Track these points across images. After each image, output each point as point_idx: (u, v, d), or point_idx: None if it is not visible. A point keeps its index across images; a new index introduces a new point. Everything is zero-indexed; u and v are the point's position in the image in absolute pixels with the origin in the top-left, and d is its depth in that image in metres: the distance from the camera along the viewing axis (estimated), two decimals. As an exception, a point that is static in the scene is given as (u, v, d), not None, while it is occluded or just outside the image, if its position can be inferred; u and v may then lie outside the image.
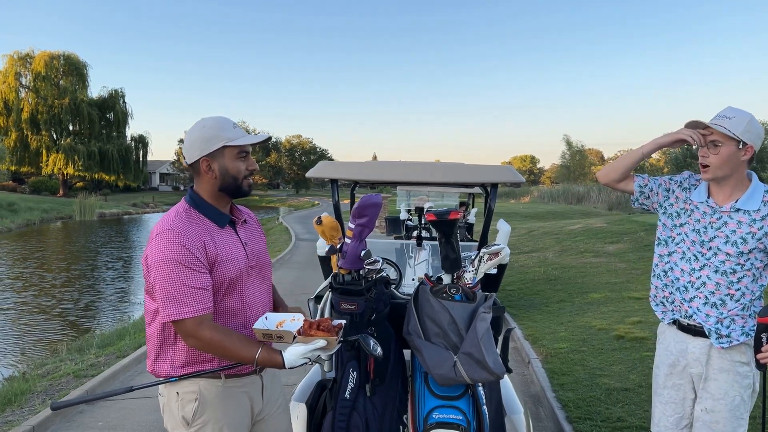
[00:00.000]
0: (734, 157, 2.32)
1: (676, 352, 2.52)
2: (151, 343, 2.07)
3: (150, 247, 1.94)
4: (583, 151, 60.08)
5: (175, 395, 2.02)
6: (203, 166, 2.03)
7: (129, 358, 5.85)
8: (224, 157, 2.02)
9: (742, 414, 2.42)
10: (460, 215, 2.66)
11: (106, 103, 49.03)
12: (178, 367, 2.01)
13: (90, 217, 33.94)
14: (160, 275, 1.88)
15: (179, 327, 1.90)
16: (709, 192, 2.47)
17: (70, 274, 14.49)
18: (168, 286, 1.88)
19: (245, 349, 1.93)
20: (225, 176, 2.04)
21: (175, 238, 1.90)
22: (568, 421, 4.22)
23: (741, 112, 2.33)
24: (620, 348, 5.73)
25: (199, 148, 2.01)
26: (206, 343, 1.90)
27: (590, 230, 14.67)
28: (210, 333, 1.90)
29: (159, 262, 1.89)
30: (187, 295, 1.88)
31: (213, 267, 1.97)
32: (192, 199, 2.06)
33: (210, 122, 2.03)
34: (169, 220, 1.97)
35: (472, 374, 2.38)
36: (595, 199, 35.04)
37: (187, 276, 1.89)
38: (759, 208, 2.34)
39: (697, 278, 2.42)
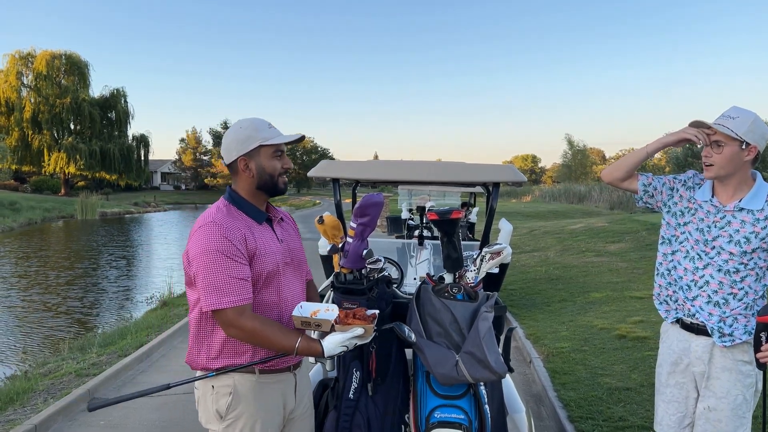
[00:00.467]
0: (737, 157, 2.32)
1: (679, 350, 2.52)
2: (190, 334, 2.13)
3: (192, 240, 2.00)
4: (584, 150, 60.04)
5: (210, 389, 2.07)
6: (241, 165, 2.10)
7: (130, 357, 5.86)
8: (260, 156, 2.09)
9: (744, 413, 2.42)
10: (461, 214, 2.66)
11: (108, 102, 49.03)
12: (213, 358, 2.06)
13: (91, 216, 33.95)
14: (202, 265, 1.94)
15: (220, 316, 1.95)
16: (713, 191, 2.47)
17: (72, 272, 14.50)
18: (210, 276, 1.93)
19: (285, 338, 1.98)
20: (262, 174, 2.10)
21: (217, 230, 1.96)
22: (570, 421, 4.22)
23: (745, 112, 2.32)
24: (622, 347, 5.73)
25: (236, 149, 2.08)
26: (247, 332, 1.94)
27: (592, 230, 14.66)
28: (251, 322, 1.95)
29: (201, 253, 1.95)
30: (228, 284, 1.93)
31: (252, 260, 2.02)
32: (231, 196, 2.13)
33: (246, 123, 2.11)
34: (210, 214, 2.04)
35: (474, 373, 2.38)
36: (596, 198, 35.00)
37: (228, 266, 1.94)
38: (762, 208, 2.34)
39: (701, 277, 2.42)
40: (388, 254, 4.54)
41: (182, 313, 8.02)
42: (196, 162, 69.33)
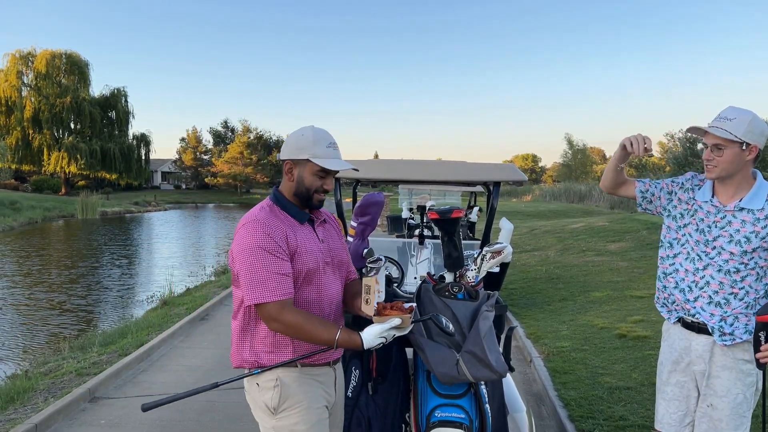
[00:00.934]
0: (738, 158, 2.32)
1: (680, 349, 2.53)
2: (234, 333, 2.21)
3: (236, 238, 2.09)
4: (584, 149, 60.01)
5: (256, 386, 2.16)
6: (286, 167, 2.19)
7: (131, 356, 5.85)
8: (305, 168, 2.15)
9: (744, 412, 2.42)
10: (462, 213, 2.66)
11: (108, 101, 49.05)
12: (258, 352, 2.13)
13: (92, 215, 33.95)
14: (246, 261, 2.02)
15: (262, 310, 2.02)
16: (713, 191, 2.47)
17: (73, 271, 14.51)
18: (253, 271, 2.00)
19: (326, 331, 2.02)
20: (300, 184, 2.17)
21: (260, 227, 2.04)
22: (570, 420, 4.22)
23: (742, 112, 2.31)
24: (622, 347, 5.72)
25: (289, 151, 2.16)
26: (289, 326, 2.01)
27: (592, 229, 14.66)
28: (292, 316, 2.01)
29: (244, 249, 2.03)
30: (270, 279, 2.00)
31: (293, 257, 2.09)
32: (275, 196, 2.21)
33: (309, 132, 2.15)
34: (254, 212, 2.12)
35: (474, 373, 2.38)
36: (597, 197, 35.00)
37: (270, 262, 2.01)
38: (763, 207, 2.34)
39: (701, 278, 2.42)
40: (389, 253, 4.54)
41: (183, 313, 8.03)
42: (197, 161, 69.31)
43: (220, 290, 9.76)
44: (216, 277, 12.71)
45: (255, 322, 2.13)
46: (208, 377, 5.43)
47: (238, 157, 62.88)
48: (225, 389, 5.07)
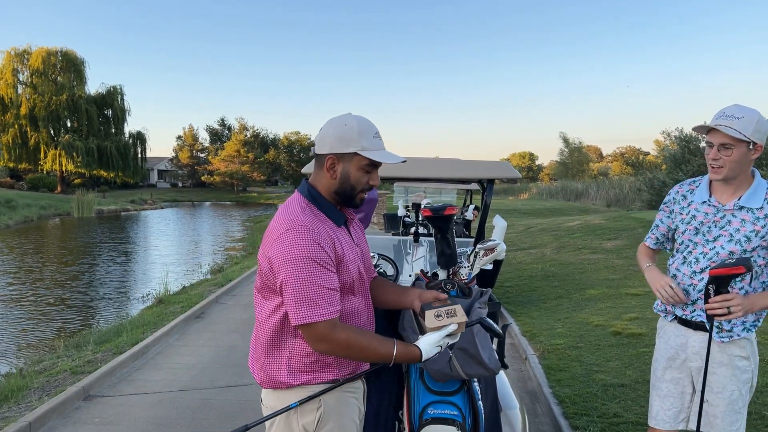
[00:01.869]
0: (745, 158, 2.31)
1: (676, 345, 2.53)
2: (259, 347, 1.95)
3: (279, 244, 1.80)
4: (581, 148, 60.13)
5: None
6: (328, 163, 1.92)
7: (126, 354, 5.84)
8: (351, 163, 1.91)
9: (740, 408, 2.43)
10: (455, 211, 2.66)
11: (105, 99, 48.96)
12: (298, 371, 1.90)
13: (88, 213, 33.87)
14: (293, 274, 1.77)
15: (311, 330, 1.79)
16: (710, 191, 2.47)
17: (69, 270, 14.48)
18: (301, 286, 1.76)
19: (382, 345, 1.85)
20: (344, 182, 1.93)
21: (309, 235, 1.79)
22: (565, 417, 4.23)
23: (749, 111, 2.28)
24: (617, 344, 5.74)
25: (331, 144, 1.90)
26: (342, 345, 1.80)
27: (588, 227, 14.69)
28: (345, 333, 1.81)
29: (291, 260, 1.77)
30: (321, 296, 1.78)
31: (338, 267, 1.87)
32: (311, 194, 1.94)
33: (353, 122, 1.90)
34: (295, 214, 1.85)
35: (467, 370, 2.38)
36: (593, 195, 35.11)
37: (321, 276, 1.78)
38: (762, 206, 2.34)
39: (699, 281, 2.43)
40: (385, 251, 4.54)
41: (178, 311, 8.02)
42: (193, 159, 69.25)
43: (216, 288, 9.76)
44: (212, 275, 12.70)
45: (293, 337, 1.89)
46: (204, 375, 5.43)
47: (234, 155, 62.82)
48: (221, 386, 5.11)
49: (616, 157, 74.77)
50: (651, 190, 25.07)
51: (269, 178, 68.33)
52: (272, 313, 1.89)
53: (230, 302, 8.91)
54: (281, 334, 1.90)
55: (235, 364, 5.77)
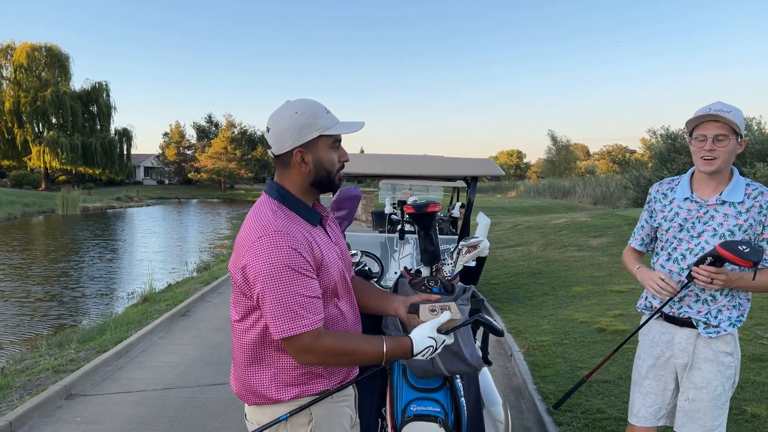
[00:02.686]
0: (734, 150, 2.36)
1: (662, 343, 2.55)
2: (240, 361, 1.83)
3: (252, 253, 1.68)
4: (568, 146, 60.47)
5: (283, 421, 1.81)
6: (296, 158, 1.79)
7: (109, 353, 5.79)
8: (318, 147, 1.80)
9: (723, 404, 2.45)
10: (437, 208, 2.66)
11: (90, 96, 48.51)
12: (284, 386, 1.79)
13: (73, 211, 33.54)
14: (270, 285, 1.65)
15: (293, 343, 1.68)
16: (691, 187, 2.49)
17: (53, 267, 14.32)
18: (281, 297, 1.65)
19: (371, 345, 1.75)
20: (319, 169, 1.81)
21: (284, 241, 1.67)
22: (549, 413, 4.25)
23: (733, 106, 2.34)
24: (601, 340, 5.78)
25: (292, 138, 1.77)
26: (329, 353, 1.70)
27: (574, 224, 14.78)
28: (330, 340, 1.70)
29: (268, 270, 1.65)
30: (302, 305, 1.66)
31: (318, 271, 1.76)
32: (280, 194, 1.81)
33: (302, 107, 1.78)
34: (269, 220, 1.72)
35: (449, 366, 2.38)
36: (580, 193, 35.34)
37: (300, 284, 1.67)
38: (743, 200, 2.38)
39: (687, 276, 2.44)
40: (371, 249, 4.54)
41: (163, 309, 7.96)
42: (180, 156, 68.77)
43: (202, 286, 9.70)
44: (198, 273, 12.63)
45: (278, 350, 1.78)
46: (188, 374, 5.39)
47: (222, 152, 62.48)
48: (205, 385, 5.08)
49: (602, 155, 75.29)
50: (637, 188, 25.28)
51: (257, 175, 68.03)
52: (251, 327, 1.78)
53: (216, 300, 8.86)
54: (264, 347, 1.79)
55: (220, 362, 5.74)
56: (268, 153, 1.87)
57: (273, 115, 1.82)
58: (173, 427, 4.29)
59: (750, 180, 2.45)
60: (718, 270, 2.23)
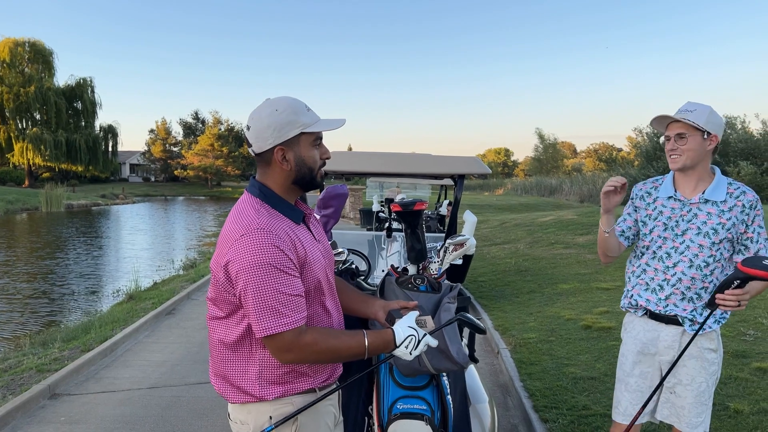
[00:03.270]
0: (701, 147, 2.41)
1: (646, 340, 2.57)
2: (222, 359, 1.82)
3: (235, 251, 1.67)
4: (555, 144, 60.83)
5: (267, 420, 1.79)
6: (277, 156, 1.78)
7: (94, 351, 5.73)
8: (299, 145, 1.79)
9: (706, 400, 2.49)
10: (424, 206, 2.65)
11: (74, 92, 47.92)
12: (268, 384, 1.78)
13: (57, 208, 33.15)
14: (253, 283, 1.64)
15: (275, 341, 1.68)
16: (675, 186, 2.53)
17: (36, 265, 14.15)
18: (263, 295, 1.64)
19: (353, 339, 1.75)
20: (301, 167, 1.80)
21: (268, 239, 1.66)
22: (535, 410, 4.27)
23: (701, 105, 2.43)
24: (587, 337, 5.82)
25: (273, 136, 1.75)
26: (309, 350, 1.70)
27: (561, 222, 14.86)
28: (312, 337, 1.70)
29: (250, 268, 1.64)
30: (284, 304, 1.66)
31: (302, 269, 1.75)
32: (263, 192, 1.80)
33: (282, 105, 1.77)
34: (250, 217, 1.72)
35: (435, 364, 2.38)
36: (567, 191, 35.55)
37: (283, 282, 1.67)
38: (725, 199, 2.43)
39: (672, 275, 2.47)
40: (359, 247, 4.53)
41: (149, 307, 7.89)
42: (166, 153, 68.22)
43: (188, 284, 9.63)
44: (184, 270, 12.54)
45: (262, 347, 1.77)
46: (174, 372, 5.36)
47: (208, 150, 62.06)
48: (191, 383, 5.04)
49: (589, 153, 75.78)
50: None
51: (244, 172, 67.67)
52: (237, 324, 1.77)
53: (202, 298, 8.80)
54: (246, 345, 1.78)
55: (206, 360, 5.70)
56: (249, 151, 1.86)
57: (253, 113, 1.80)
58: (158, 426, 4.25)
59: (732, 179, 2.50)
60: (744, 290, 2.16)
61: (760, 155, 28.47)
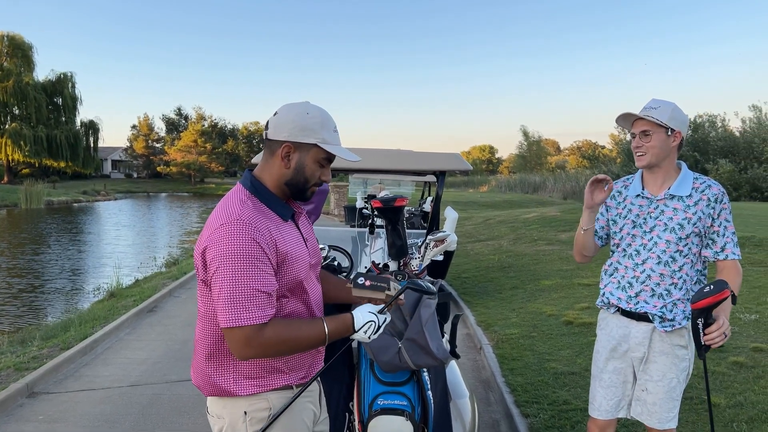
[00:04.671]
0: (665, 144, 2.43)
1: (618, 336, 2.59)
2: (201, 348, 1.81)
3: (212, 238, 1.67)
4: (539, 141, 61.21)
5: (242, 415, 1.79)
6: (283, 151, 1.78)
7: (73, 349, 5.67)
8: (308, 154, 1.79)
9: (677, 396, 2.52)
10: (405, 202, 2.66)
11: (54, 87, 47.19)
12: (242, 378, 1.78)
13: (37, 205, 32.67)
14: (223, 272, 1.64)
15: (235, 334, 1.65)
16: (642, 184, 2.56)
17: (14, 263, 13.94)
18: (232, 286, 1.64)
19: (312, 328, 1.74)
20: (298, 173, 1.80)
21: (246, 231, 1.66)
22: (516, 405, 4.30)
23: (664, 102, 2.46)
24: (569, 333, 5.87)
25: (290, 131, 1.77)
26: (271, 343, 1.67)
27: (544, 219, 14.97)
28: (272, 330, 1.67)
29: (223, 257, 1.64)
30: (251, 298, 1.65)
31: (280, 267, 1.74)
32: (254, 186, 1.80)
33: (314, 112, 1.79)
34: (234, 209, 1.72)
35: (416, 360, 2.39)
36: (550, 188, 35.80)
37: (255, 276, 1.65)
38: (691, 194, 2.45)
39: (642, 272, 2.49)
40: (342, 243, 4.52)
41: (130, 304, 7.82)
42: (149, 149, 67.53)
43: (170, 281, 9.55)
44: (167, 268, 12.43)
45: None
46: (155, 370, 5.31)
47: (191, 146, 61.54)
48: (172, 381, 5.01)
49: (573, 151, 76.36)
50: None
51: (228, 169, 67.24)
52: (212, 316, 1.77)
53: (184, 295, 8.74)
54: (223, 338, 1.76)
55: (188, 357, 5.66)
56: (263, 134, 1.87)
57: (287, 104, 1.84)
58: (139, 424, 4.22)
59: (698, 174, 2.52)
60: (719, 324, 2.12)
61: (738, 153, 28.92)
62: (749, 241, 9.36)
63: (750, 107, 31.28)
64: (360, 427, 2.52)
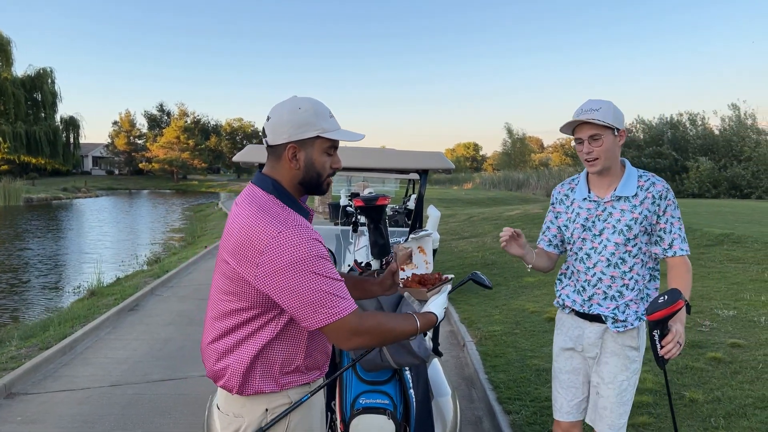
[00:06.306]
0: (614, 145, 2.39)
1: (574, 337, 2.59)
2: (238, 354, 1.77)
3: (275, 250, 1.62)
4: (523, 138, 61.57)
5: (263, 412, 1.79)
6: (288, 153, 1.76)
7: (52, 349, 5.58)
8: (314, 148, 1.77)
9: (628, 399, 2.50)
10: (387, 201, 2.65)
11: (34, 82, 46.32)
12: (273, 376, 1.78)
13: (15, 202, 32.18)
14: (301, 278, 1.62)
15: (341, 327, 1.65)
16: (588, 186, 2.53)
17: (-8, 262, 13.71)
18: (317, 286, 1.62)
19: (407, 321, 1.81)
20: (309, 170, 1.79)
21: (307, 233, 1.66)
22: (499, 402, 4.33)
23: (603, 102, 2.39)
24: (551, 330, 5.86)
25: (289, 132, 1.74)
26: (372, 332, 1.70)
27: (528, 216, 15.06)
28: (370, 320, 1.70)
29: (297, 263, 1.62)
30: (338, 291, 1.66)
31: None
32: (276, 189, 1.77)
33: (306, 105, 1.76)
34: (280, 214, 1.69)
35: (397, 359, 2.40)
36: (534, 185, 36.08)
37: (330, 271, 1.66)
38: (636, 193, 2.42)
39: (593, 275, 2.48)
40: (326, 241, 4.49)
41: (111, 303, 7.73)
42: (130, 146, 66.81)
43: (152, 280, 9.46)
44: (148, 266, 12.31)
45: (273, 341, 1.76)
46: (136, 370, 5.26)
47: (174, 142, 60.99)
48: (154, 381, 4.96)
49: (556, 148, 76.80)
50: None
51: (211, 165, 66.73)
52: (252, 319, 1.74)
53: (166, 294, 8.66)
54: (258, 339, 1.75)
55: (169, 356, 5.62)
56: (264, 141, 1.84)
57: (276, 106, 1.80)
58: (119, 424, 4.17)
59: (643, 171, 2.48)
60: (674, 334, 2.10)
61: (718, 151, 29.36)
62: (728, 238, 9.50)
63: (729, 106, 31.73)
64: (342, 426, 2.52)
